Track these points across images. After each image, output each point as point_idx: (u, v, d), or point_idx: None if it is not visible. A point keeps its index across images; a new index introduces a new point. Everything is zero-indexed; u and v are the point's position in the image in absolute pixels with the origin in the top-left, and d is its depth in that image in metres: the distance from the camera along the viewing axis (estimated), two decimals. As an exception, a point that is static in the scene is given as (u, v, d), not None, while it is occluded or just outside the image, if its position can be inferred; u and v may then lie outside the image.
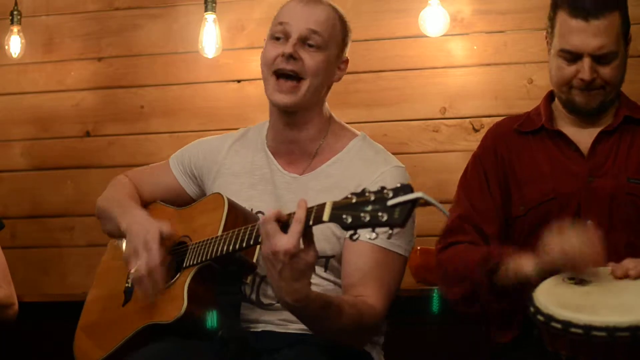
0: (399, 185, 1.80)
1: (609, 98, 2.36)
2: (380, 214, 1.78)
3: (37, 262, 4.11)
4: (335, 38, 2.38)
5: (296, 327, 2.28)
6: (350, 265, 2.25)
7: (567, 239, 2.04)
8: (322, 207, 1.90)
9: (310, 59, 2.32)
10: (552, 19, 2.37)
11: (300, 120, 2.37)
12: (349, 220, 1.82)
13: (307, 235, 1.94)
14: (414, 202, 1.76)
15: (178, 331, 2.22)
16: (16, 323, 3.15)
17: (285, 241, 1.91)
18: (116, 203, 2.51)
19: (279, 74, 2.32)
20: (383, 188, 1.80)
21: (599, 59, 2.29)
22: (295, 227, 1.92)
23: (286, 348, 2.21)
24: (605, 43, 2.28)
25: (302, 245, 1.93)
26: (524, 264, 2.14)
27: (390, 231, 1.79)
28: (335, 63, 2.40)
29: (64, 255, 4.11)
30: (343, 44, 2.42)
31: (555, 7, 2.36)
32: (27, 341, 3.79)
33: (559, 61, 2.34)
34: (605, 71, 2.31)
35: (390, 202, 1.77)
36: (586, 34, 2.28)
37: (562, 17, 2.32)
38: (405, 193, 1.77)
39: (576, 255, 2.01)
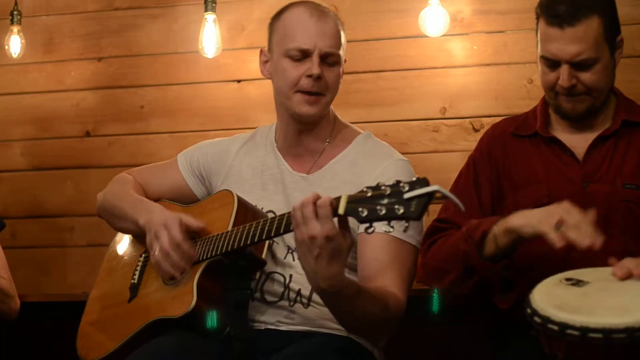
0: (414, 178, 1.82)
1: (598, 103, 2.35)
2: (396, 207, 1.80)
3: (37, 262, 4.11)
4: (342, 47, 2.43)
5: (300, 327, 2.30)
6: (367, 257, 2.26)
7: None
8: (337, 200, 1.92)
9: (331, 76, 2.38)
10: (536, 26, 2.38)
11: (312, 126, 2.43)
12: (365, 213, 1.84)
13: (342, 221, 1.96)
14: (431, 195, 1.79)
15: (185, 326, 2.24)
16: (16, 323, 3.15)
17: (321, 226, 1.92)
18: (126, 199, 2.52)
19: (303, 91, 2.37)
20: (399, 182, 1.82)
21: (577, 65, 2.28)
22: (323, 211, 1.93)
23: (289, 347, 2.22)
24: (582, 50, 2.26)
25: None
26: (512, 221, 2.13)
27: (406, 224, 1.81)
28: (342, 68, 2.46)
29: (64, 255, 4.11)
30: (344, 48, 2.46)
31: (537, 16, 2.37)
32: (27, 341, 3.80)
33: (542, 67, 2.35)
34: (586, 77, 2.29)
35: (406, 195, 1.79)
36: (562, 42, 2.27)
37: (541, 24, 2.33)
38: (422, 186, 1.79)
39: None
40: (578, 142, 2.38)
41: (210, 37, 3.90)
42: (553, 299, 1.89)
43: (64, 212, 4.14)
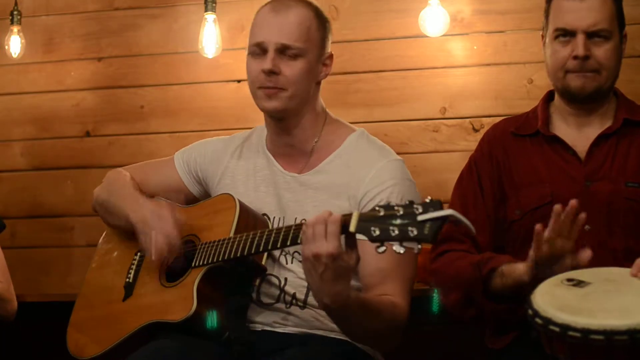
0: (428, 200, 1.81)
1: (605, 86, 2.36)
2: (410, 228, 1.79)
3: (37, 262, 4.11)
4: (312, 40, 2.36)
5: (296, 328, 2.29)
6: (370, 266, 2.24)
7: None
8: (348, 217, 1.91)
9: (289, 70, 2.32)
10: (547, 11, 2.40)
11: (291, 125, 2.39)
12: (377, 232, 1.83)
13: (349, 239, 1.95)
14: (445, 219, 1.78)
15: (184, 330, 2.23)
16: (16, 323, 3.15)
17: (327, 244, 1.92)
18: (120, 194, 2.51)
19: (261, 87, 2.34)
20: (412, 202, 1.82)
21: (592, 36, 2.32)
22: (331, 228, 1.93)
23: (287, 348, 2.22)
24: (599, 20, 2.31)
25: (344, 249, 1.95)
26: (517, 269, 2.14)
27: (419, 246, 1.81)
28: (318, 62, 2.39)
29: (64, 255, 4.11)
30: (323, 41, 2.39)
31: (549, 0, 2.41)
32: (27, 341, 3.80)
33: (554, 45, 2.36)
34: (599, 52, 2.32)
35: (420, 218, 1.78)
36: (580, 11, 2.32)
37: (556, 1, 2.36)
38: (435, 208, 1.79)
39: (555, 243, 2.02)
40: (579, 141, 2.38)
41: (210, 37, 3.90)
42: (554, 300, 1.88)
43: (64, 212, 4.14)
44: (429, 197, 1.82)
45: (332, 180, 2.33)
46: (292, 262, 2.31)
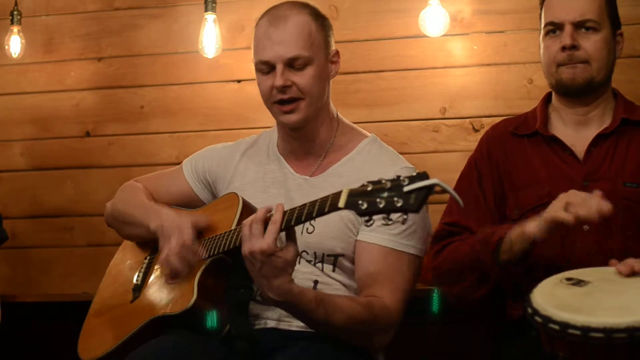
0: (415, 173, 1.83)
1: (597, 79, 2.36)
2: (395, 199, 1.81)
3: (37, 262, 4.11)
4: (316, 43, 2.36)
5: (300, 324, 2.28)
6: (362, 268, 2.28)
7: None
8: (338, 194, 1.94)
9: (301, 79, 2.33)
10: (540, 15, 2.43)
11: (308, 131, 2.41)
12: (365, 206, 1.86)
13: (288, 234, 2.05)
14: (430, 189, 1.80)
15: (185, 324, 2.24)
16: (16, 323, 3.15)
17: (262, 241, 2.02)
18: (137, 206, 2.53)
19: (278, 102, 2.36)
20: (399, 176, 1.84)
21: (580, 27, 2.34)
22: (271, 228, 2.03)
23: (290, 345, 2.22)
24: (585, 11, 2.34)
25: (282, 244, 2.04)
26: (527, 226, 2.15)
27: (404, 216, 1.83)
28: (326, 62, 2.40)
29: (64, 255, 4.11)
30: (326, 40, 2.40)
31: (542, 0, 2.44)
32: (27, 341, 3.80)
33: (545, 41, 2.39)
34: (588, 43, 2.34)
35: (406, 189, 1.80)
36: (567, 3, 2.36)
37: (547, 0, 2.41)
38: (421, 180, 1.81)
39: (579, 200, 2.04)
40: (578, 141, 2.38)
41: (210, 37, 3.90)
42: (554, 298, 1.89)
43: (64, 212, 4.14)
44: (416, 171, 1.83)
45: (344, 183, 2.32)
46: (299, 263, 2.31)
